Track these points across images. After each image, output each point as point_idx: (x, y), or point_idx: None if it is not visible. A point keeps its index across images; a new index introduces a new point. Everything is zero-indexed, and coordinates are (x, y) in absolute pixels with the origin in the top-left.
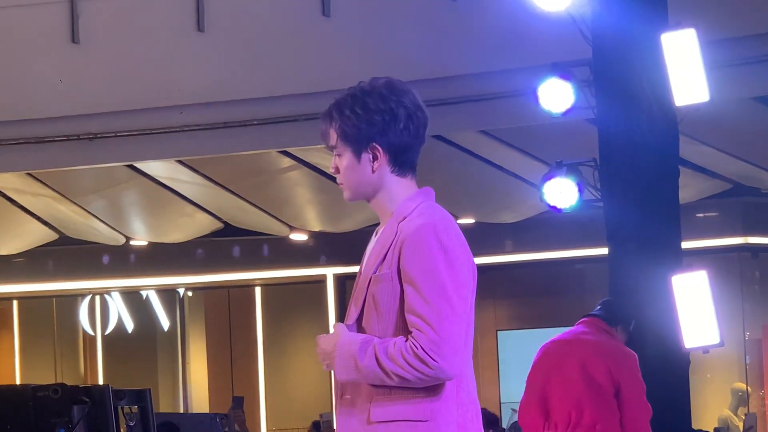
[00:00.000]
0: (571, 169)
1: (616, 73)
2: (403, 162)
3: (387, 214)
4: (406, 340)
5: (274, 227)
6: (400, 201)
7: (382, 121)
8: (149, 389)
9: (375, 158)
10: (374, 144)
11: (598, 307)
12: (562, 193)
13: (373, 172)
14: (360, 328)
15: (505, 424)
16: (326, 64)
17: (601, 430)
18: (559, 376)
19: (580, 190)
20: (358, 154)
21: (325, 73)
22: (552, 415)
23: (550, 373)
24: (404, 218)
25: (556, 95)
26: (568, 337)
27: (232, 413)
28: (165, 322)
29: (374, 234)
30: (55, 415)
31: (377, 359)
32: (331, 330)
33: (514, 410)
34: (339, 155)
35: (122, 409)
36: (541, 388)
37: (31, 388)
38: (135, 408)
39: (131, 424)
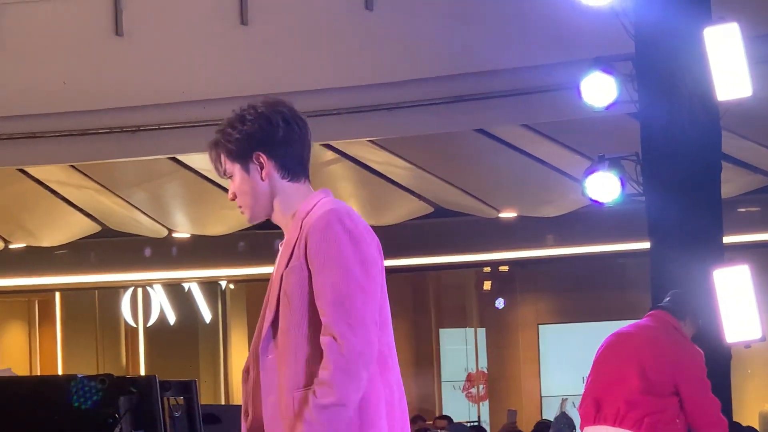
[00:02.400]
0: (614, 163)
1: (659, 67)
2: (291, 167)
3: (289, 219)
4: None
5: None
6: (300, 203)
7: (260, 129)
8: (195, 380)
9: (261, 167)
10: (257, 153)
11: (667, 298)
12: (604, 187)
13: (262, 179)
14: (275, 330)
15: (555, 413)
16: (369, 57)
17: (651, 423)
18: (615, 369)
19: (623, 184)
20: (246, 167)
21: (368, 66)
22: (603, 407)
23: (608, 366)
24: (307, 213)
25: (598, 89)
26: (632, 330)
27: None
28: (207, 315)
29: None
30: (102, 406)
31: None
32: None
33: (564, 399)
34: (231, 176)
35: (168, 400)
36: (596, 381)
37: (79, 378)
38: (180, 399)
39: (176, 415)
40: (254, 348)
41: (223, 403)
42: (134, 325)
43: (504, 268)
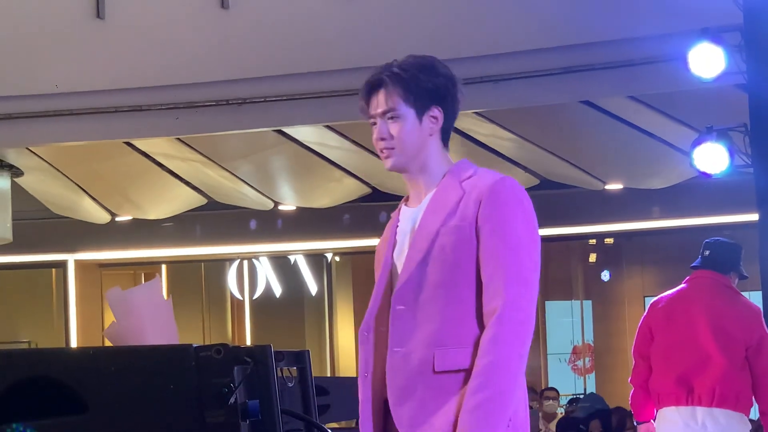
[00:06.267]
0: (722, 134)
1: None
2: (448, 131)
3: (431, 182)
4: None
5: None
6: (450, 165)
7: (447, 86)
8: (308, 351)
9: (435, 121)
10: (438, 107)
11: (706, 252)
12: (712, 158)
13: (430, 135)
14: (413, 282)
15: None
16: (474, 28)
17: (744, 399)
18: (696, 349)
19: (731, 156)
20: (420, 117)
21: (474, 37)
22: (695, 389)
23: (684, 342)
24: (468, 177)
25: (706, 60)
26: (690, 300)
27: None
28: (313, 287)
29: (401, 206)
30: (217, 375)
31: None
32: None
33: None
34: (395, 118)
35: (281, 370)
36: (673, 358)
37: (194, 348)
38: (294, 369)
39: (290, 385)
40: (380, 301)
41: (329, 375)
42: (240, 297)
43: (610, 241)
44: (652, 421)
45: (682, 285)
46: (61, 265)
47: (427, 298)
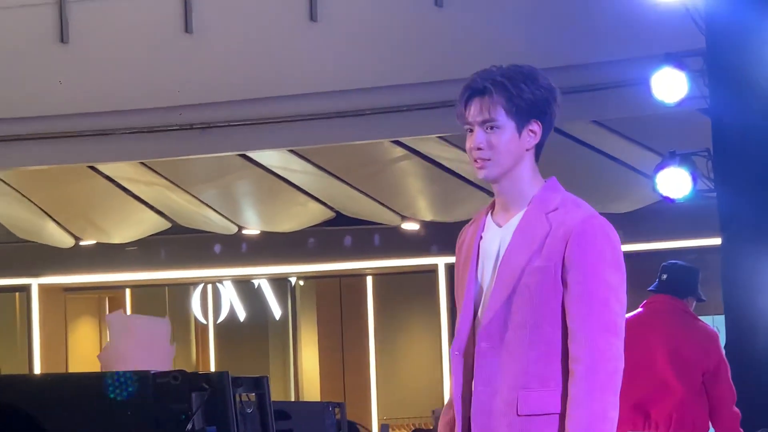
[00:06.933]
0: (685, 159)
1: (731, 62)
2: (541, 146)
3: (520, 199)
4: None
5: (386, 217)
6: (537, 187)
7: (546, 99)
8: (266, 377)
9: (533, 135)
10: (537, 120)
11: (664, 276)
12: (675, 183)
13: (527, 150)
14: (506, 316)
15: None
16: (438, 54)
17: (701, 424)
18: (652, 374)
19: (694, 180)
20: (519, 129)
21: (438, 63)
22: (652, 415)
23: (641, 368)
24: (555, 209)
25: (669, 85)
26: (646, 324)
27: None
28: (277, 311)
29: (486, 216)
30: (175, 402)
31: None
32: None
33: None
34: (494, 129)
35: (240, 396)
36: (634, 385)
37: (152, 374)
38: (252, 395)
39: (248, 411)
40: (470, 325)
41: (293, 399)
42: (204, 321)
43: None
44: None
45: (639, 309)
46: (25, 290)
47: (512, 337)
